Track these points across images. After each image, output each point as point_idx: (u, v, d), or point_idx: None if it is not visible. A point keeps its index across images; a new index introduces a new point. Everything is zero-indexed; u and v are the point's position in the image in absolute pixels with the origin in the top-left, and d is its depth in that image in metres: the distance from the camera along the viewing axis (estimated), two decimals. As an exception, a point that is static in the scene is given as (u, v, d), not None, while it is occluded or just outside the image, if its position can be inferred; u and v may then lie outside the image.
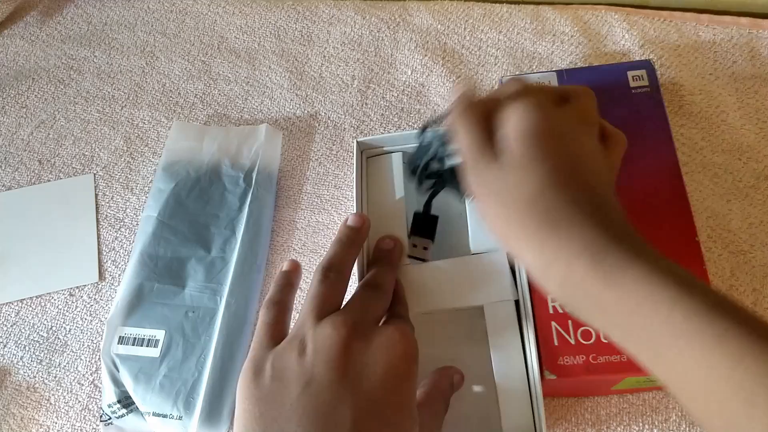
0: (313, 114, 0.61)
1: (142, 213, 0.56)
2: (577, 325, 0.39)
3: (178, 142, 0.59)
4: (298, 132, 0.60)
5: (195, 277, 0.51)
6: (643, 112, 0.47)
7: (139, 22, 0.70)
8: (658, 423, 0.43)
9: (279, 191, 0.57)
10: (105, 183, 0.60)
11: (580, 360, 0.38)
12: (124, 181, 0.60)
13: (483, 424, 0.41)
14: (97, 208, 0.59)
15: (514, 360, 0.40)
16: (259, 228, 0.53)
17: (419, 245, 0.45)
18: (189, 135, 0.59)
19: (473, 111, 0.32)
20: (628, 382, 0.39)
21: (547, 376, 0.38)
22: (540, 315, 0.40)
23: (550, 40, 0.61)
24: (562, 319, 0.39)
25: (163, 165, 0.57)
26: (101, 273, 0.56)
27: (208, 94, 0.64)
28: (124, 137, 0.62)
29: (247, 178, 0.55)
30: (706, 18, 0.59)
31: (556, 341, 0.39)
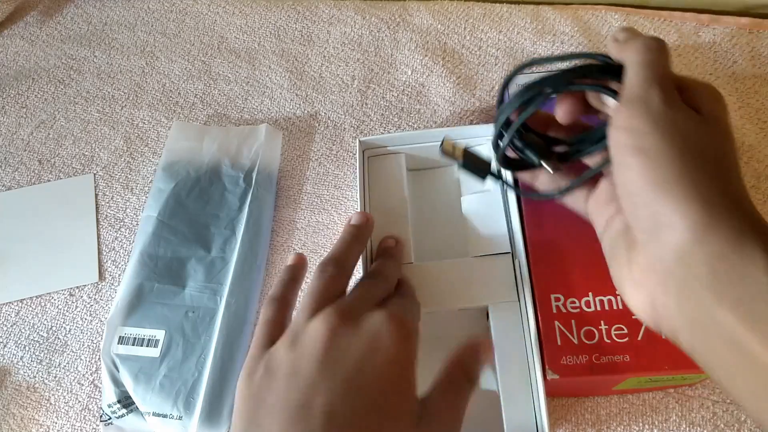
0: (313, 114, 0.61)
1: (142, 213, 0.56)
2: (580, 324, 0.39)
3: (178, 142, 0.59)
4: (298, 132, 0.60)
5: (195, 277, 0.51)
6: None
7: (139, 22, 0.70)
8: (658, 423, 0.43)
9: (279, 191, 0.57)
10: (105, 183, 0.60)
11: (583, 360, 0.38)
12: (124, 181, 0.60)
13: (485, 423, 0.41)
14: (97, 208, 0.59)
15: (517, 360, 0.40)
16: (259, 228, 0.53)
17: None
18: (189, 135, 0.59)
19: (666, 53, 0.29)
20: (630, 382, 0.39)
21: (550, 376, 0.38)
22: (543, 315, 0.40)
23: (550, 40, 0.61)
24: (566, 318, 0.39)
25: (163, 165, 0.57)
26: (101, 273, 0.55)
27: (208, 94, 0.64)
28: (124, 137, 0.62)
29: (247, 178, 0.55)
30: (706, 18, 0.59)
31: (559, 341, 0.39)
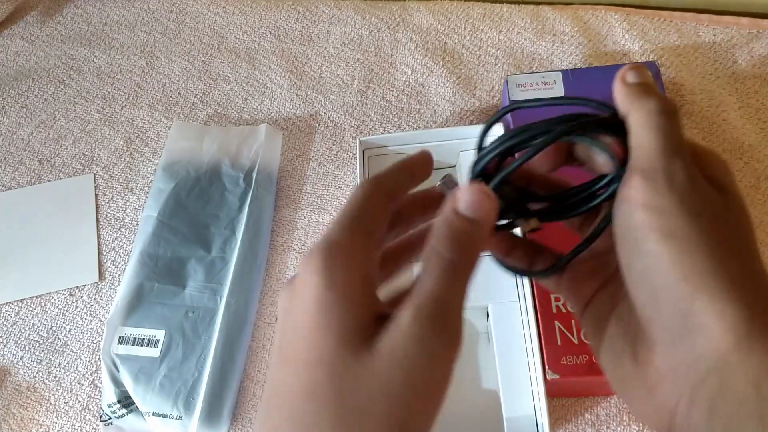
0: (313, 114, 0.61)
1: (142, 213, 0.56)
2: (580, 325, 0.39)
3: (178, 142, 0.59)
4: (298, 132, 0.60)
5: (195, 277, 0.51)
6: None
7: (139, 22, 0.70)
8: (659, 423, 0.43)
9: (279, 191, 0.57)
10: (105, 183, 0.60)
11: (583, 360, 0.38)
12: (124, 181, 0.60)
13: (485, 423, 0.41)
14: (97, 208, 0.59)
15: (517, 360, 0.40)
16: (259, 228, 0.53)
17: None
18: (189, 135, 0.59)
19: (680, 116, 0.24)
20: (629, 381, 0.39)
21: (550, 376, 0.38)
22: (544, 315, 0.40)
23: (551, 40, 0.61)
24: (566, 319, 0.39)
25: (163, 165, 0.57)
26: (101, 273, 0.55)
27: (208, 94, 0.64)
28: (124, 137, 0.62)
29: (247, 178, 0.55)
30: (706, 18, 0.59)
31: (559, 341, 0.39)
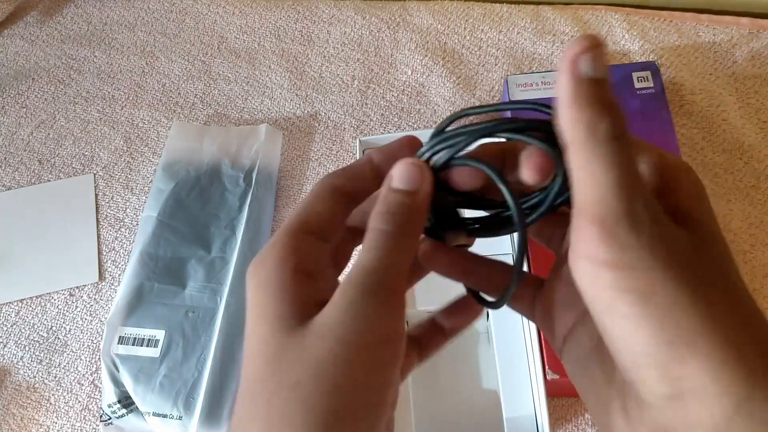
0: (313, 114, 0.61)
1: (142, 213, 0.56)
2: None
3: (178, 142, 0.59)
4: (298, 132, 0.60)
5: (195, 277, 0.51)
6: (648, 113, 0.47)
7: (139, 22, 0.70)
8: (658, 423, 0.43)
9: (279, 191, 0.57)
10: (105, 183, 0.60)
11: (580, 360, 0.38)
12: (124, 181, 0.60)
13: (485, 423, 0.41)
14: (97, 208, 0.59)
15: (517, 360, 0.40)
16: (259, 228, 0.53)
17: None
18: (189, 135, 0.59)
19: (625, 131, 0.19)
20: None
21: (550, 376, 0.38)
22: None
23: (551, 40, 0.61)
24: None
25: (163, 165, 0.57)
26: (101, 273, 0.55)
27: (208, 94, 0.64)
28: (124, 137, 0.62)
29: (247, 177, 0.55)
30: (706, 18, 0.59)
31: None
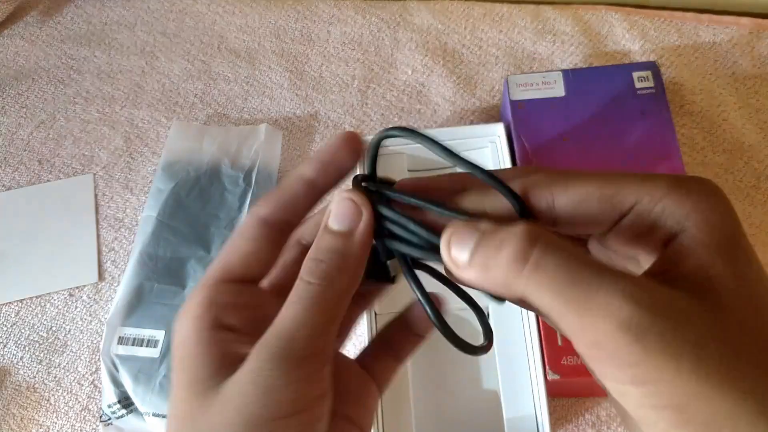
0: (313, 114, 0.61)
1: (142, 213, 0.56)
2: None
3: (177, 142, 0.59)
4: (298, 132, 0.60)
5: (195, 277, 0.51)
6: (649, 113, 0.47)
7: (139, 21, 0.70)
8: (659, 423, 0.43)
9: (279, 191, 0.57)
10: (105, 183, 0.60)
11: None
12: (124, 181, 0.60)
13: (485, 423, 0.41)
14: (97, 208, 0.59)
15: (517, 360, 0.40)
16: (259, 228, 0.53)
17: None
18: (189, 135, 0.59)
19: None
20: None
21: (551, 376, 0.38)
22: (541, 315, 0.40)
23: (551, 39, 0.61)
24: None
25: (162, 165, 0.57)
26: (101, 273, 0.55)
27: (208, 94, 0.64)
28: (124, 137, 0.62)
29: (246, 177, 0.55)
30: (706, 18, 0.59)
31: (559, 341, 0.39)
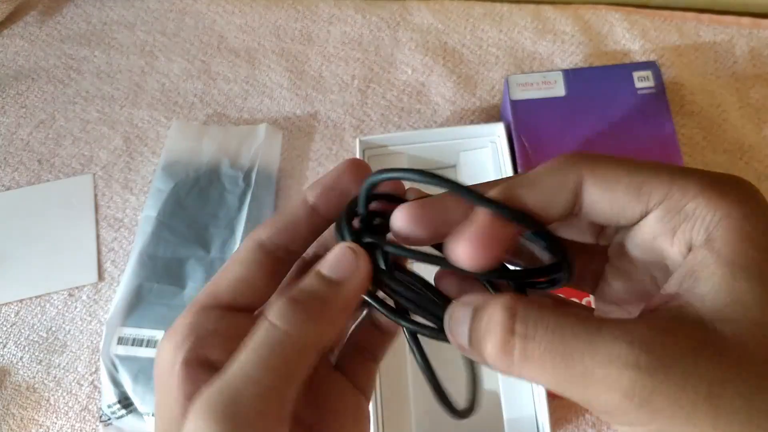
0: (313, 114, 0.61)
1: (142, 213, 0.56)
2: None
3: (177, 142, 0.59)
4: (297, 132, 0.60)
5: (194, 277, 0.51)
6: (649, 113, 0.47)
7: (139, 21, 0.70)
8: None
9: (278, 191, 0.57)
10: (104, 183, 0.60)
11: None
12: (124, 181, 0.60)
13: (485, 423, 0.41)
14: (97, 208, 0.59)
15: None
16: (258, 228, 0.53)
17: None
18: (188, 135, 0.59)
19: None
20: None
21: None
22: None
23: (551, 39, 0.61)
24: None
25: (162, 165, 0.57)
26: (100, 273, 0.55)
27: (208, 94, 0.64)
28: (124, 137, 0.62)
29: (246, 177, 0.55)
30: (706, 18, 0.59)
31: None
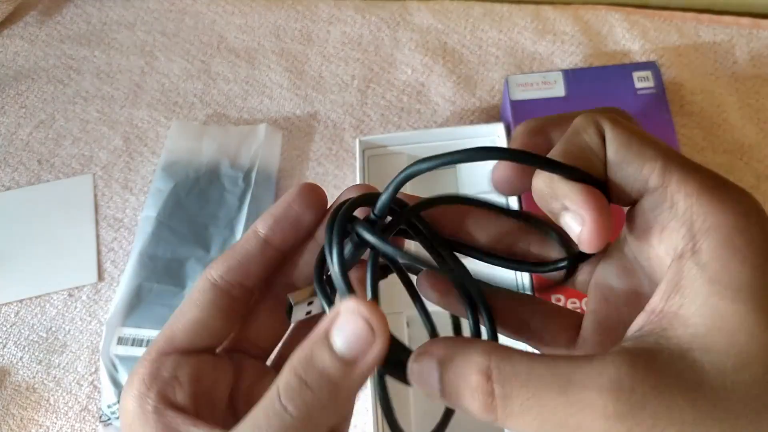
0: (313, 114, 0.61)
1: (141, 213, 0.56)
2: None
3: (177, 142, 0.58)
4: (297, 132, 0.60)
5: (194, 277, 0.51)
6: (649, 113, 0.47)
7: (139, 21, 0.70)
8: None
9: (278, 191, 0.57)
10: (104, 183, 0.60)
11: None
12: (123, 181, 0.60)
13: (485, 424, 0.40)
14: (96, 209, 0.59)
15: None
16: (258, 228, 0.53)
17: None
18: (188, 135, 0.59)
19: None
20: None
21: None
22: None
23: (551, 39, 0.61)
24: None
25: (162, 165, 0.57)
26: (100, 273, 0.55)
27: (208, 94, 0.64)
28: (123, 137, 0.62)
29: (246, 177, 0.55)
30: (706, 18, 0.59)
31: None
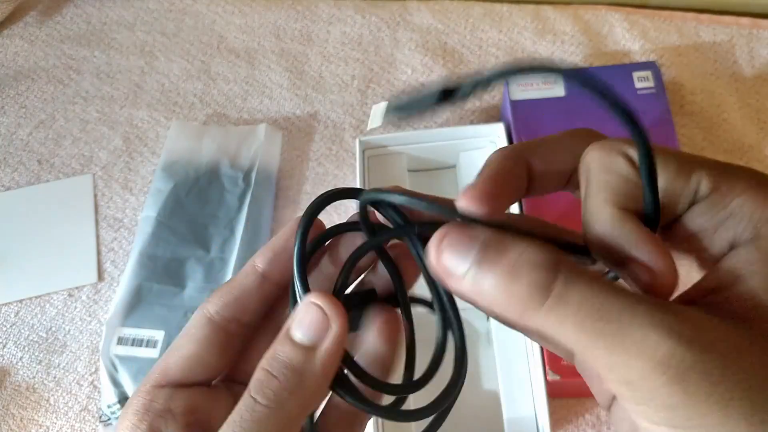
0: (313, 114, 0.61)
1: (141, 213, 0.56)
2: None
3: (177, 142, 0.58)
4: (297, 132, 0.60)
5: (194, 277, 0.51)
6: (649, 113, 0.47)
7: (139, 21, 0.70)
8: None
9: (278, 191, 0.57)
10: (104, 183, 0.60)
11: (581, 360, 0.38)
12: (123, 182, 0.60)
13: (485, 423, 0.41)
14: (96, 209, 0.59)
15: (517, 360, 0.40)
16: (258, 228, 0.53)
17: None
18: (188, 135, 0.59)
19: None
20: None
21: (551, 377, 0.38)
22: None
23: (551, 39, 0.61)
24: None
25: (162, 165, 0.57)
26: (100, 273, 0.55)
27: (207, 94, 0.64)
28: (123, 137, 0.62)
29: (246, 178, 0.55)
30: (706, 18, 0.59)
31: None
